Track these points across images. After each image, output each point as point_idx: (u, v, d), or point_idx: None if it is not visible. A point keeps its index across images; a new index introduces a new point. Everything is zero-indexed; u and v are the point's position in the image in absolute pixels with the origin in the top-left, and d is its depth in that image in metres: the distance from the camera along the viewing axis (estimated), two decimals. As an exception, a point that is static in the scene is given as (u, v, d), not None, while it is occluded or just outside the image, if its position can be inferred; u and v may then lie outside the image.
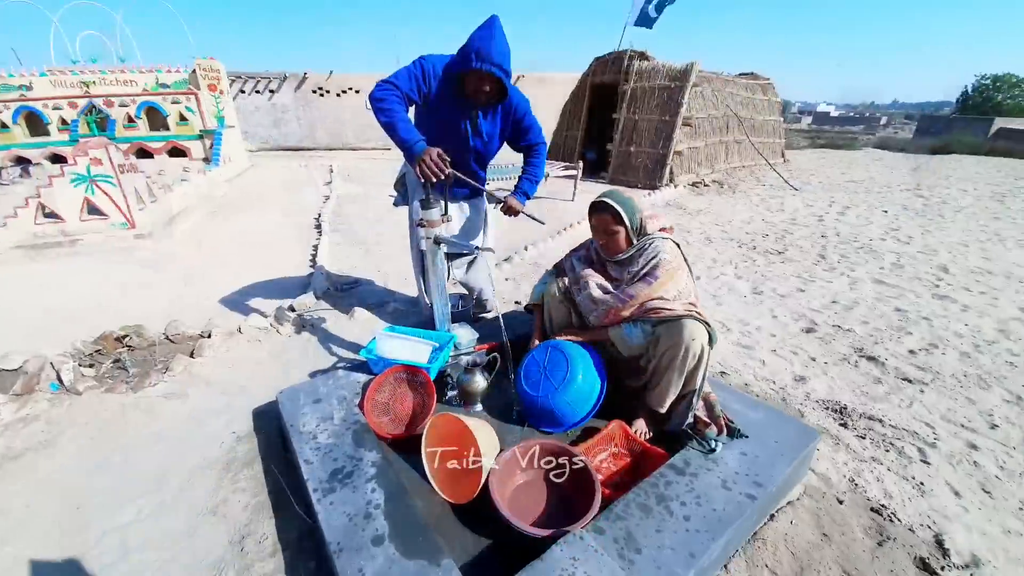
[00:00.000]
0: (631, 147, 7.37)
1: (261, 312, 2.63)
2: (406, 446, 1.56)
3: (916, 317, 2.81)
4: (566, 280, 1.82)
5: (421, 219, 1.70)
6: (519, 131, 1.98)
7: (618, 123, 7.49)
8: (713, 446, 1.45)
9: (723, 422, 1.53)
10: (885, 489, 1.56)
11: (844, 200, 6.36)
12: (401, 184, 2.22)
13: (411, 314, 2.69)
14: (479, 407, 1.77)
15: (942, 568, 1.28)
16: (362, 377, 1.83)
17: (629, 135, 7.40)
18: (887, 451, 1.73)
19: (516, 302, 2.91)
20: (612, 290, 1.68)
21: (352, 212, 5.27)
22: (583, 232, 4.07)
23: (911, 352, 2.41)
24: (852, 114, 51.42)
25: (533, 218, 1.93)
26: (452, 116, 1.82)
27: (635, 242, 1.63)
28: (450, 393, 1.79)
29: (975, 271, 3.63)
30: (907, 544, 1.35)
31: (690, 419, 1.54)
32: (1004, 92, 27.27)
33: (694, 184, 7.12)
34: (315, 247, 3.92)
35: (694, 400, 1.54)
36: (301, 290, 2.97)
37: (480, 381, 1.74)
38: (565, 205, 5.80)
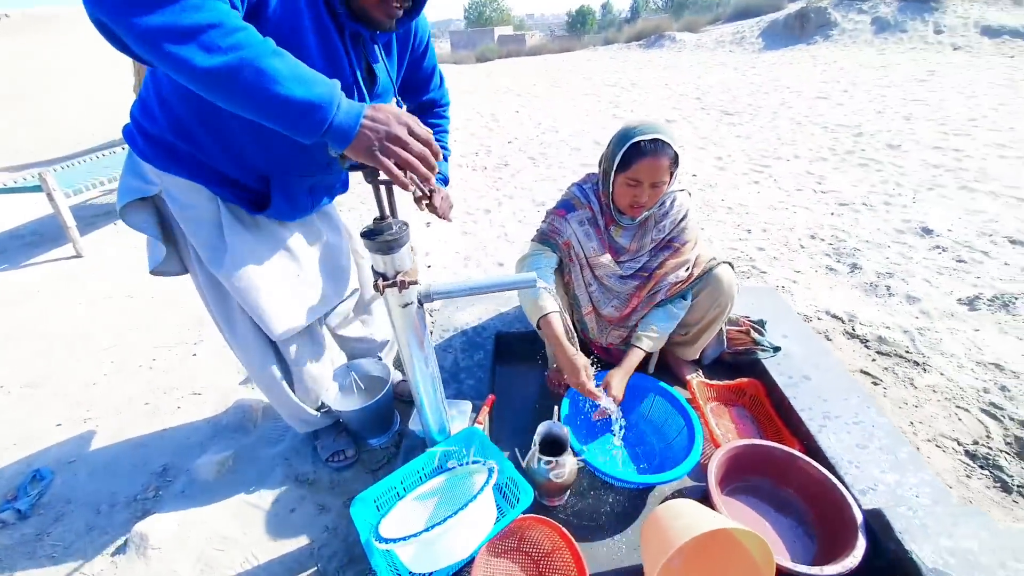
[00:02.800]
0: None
1: None
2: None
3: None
4: (575, 259, 1.33)
5: (386, 275, 0.83)
6: (419, 75, 1.13)
7: None
8: (775, 345, 1.50)
9: (747, 323, 1.53)
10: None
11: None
12: (152, 215, 1.01)
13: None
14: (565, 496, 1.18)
15: None
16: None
17: None
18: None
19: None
20: (629, 269, 1.34)
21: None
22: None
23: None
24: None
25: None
26: (325, 58, 0.83)
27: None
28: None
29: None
30: None
31: (724, 345, 1.52)
32: (489, 6, 43.85)
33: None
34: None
35: (723, 327, 1.50)
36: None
37: (570, 462, 1.10)
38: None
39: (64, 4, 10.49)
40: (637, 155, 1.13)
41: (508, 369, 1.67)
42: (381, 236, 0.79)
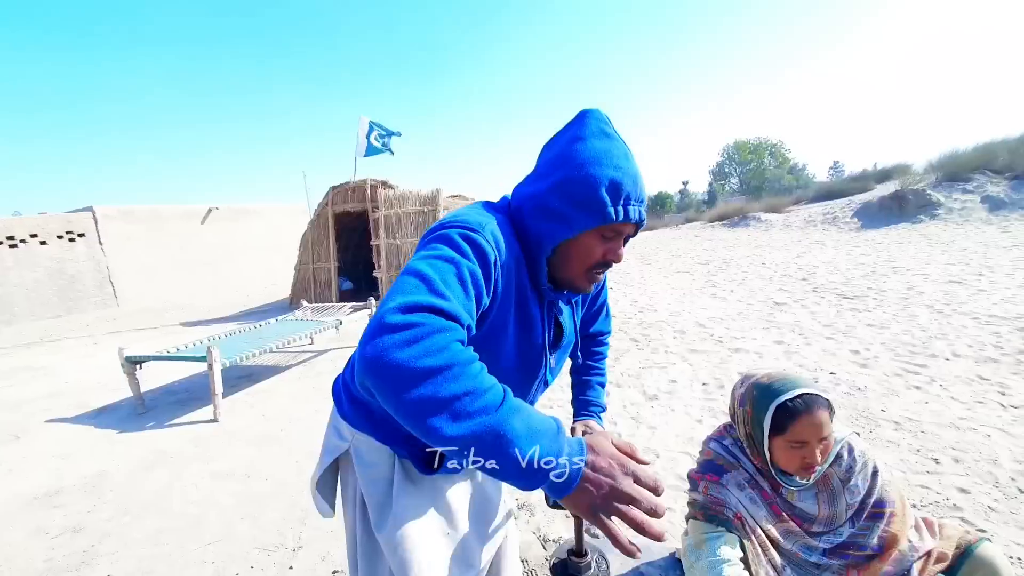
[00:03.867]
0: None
1: None
2: None
3: None
4: (751, 535, 1.07)
5: None
6: (593, 311, 1.15)
7: (379, 249, 7.69)
8: None
9: None
10: None
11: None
12: (332, 476, 1.02)
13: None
14: None
15: None
16: None
17: (396, 259, 7.65)
18: None
19: None
20: (828, 542, 1.06)
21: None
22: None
23: None
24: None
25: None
26: (522, 324, 0.85)
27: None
28: None
29: None
30: None
31: None
32: None
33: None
34: None
35: None
36: None
37: None
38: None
39: (260, 200, 13.93)
40: (790, 416, 1.01)
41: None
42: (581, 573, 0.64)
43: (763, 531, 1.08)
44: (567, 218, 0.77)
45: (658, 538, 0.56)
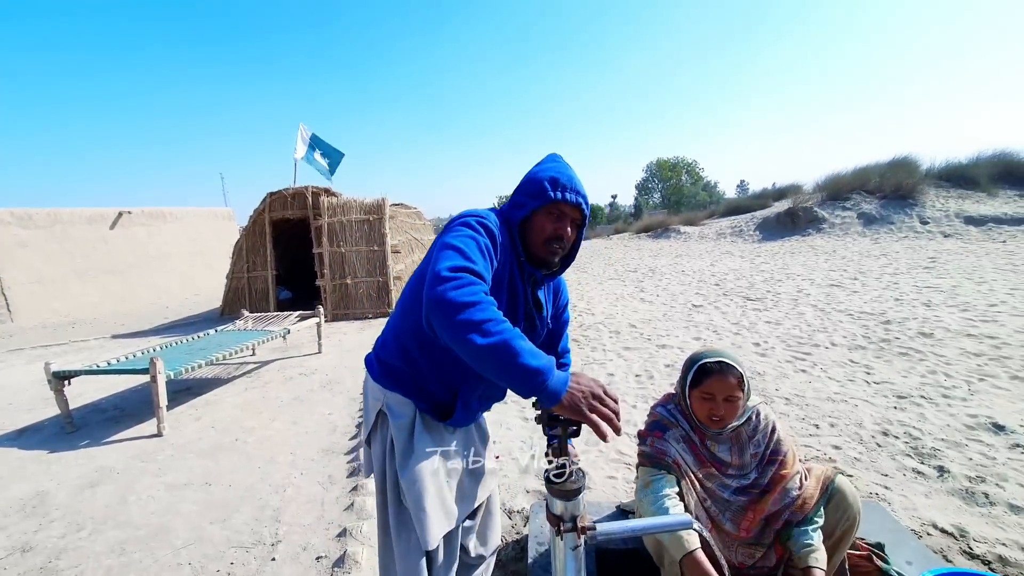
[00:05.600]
0: (347, 279, 7.51)
1: None
2: None
3: None
4: (687, 476, 1.40)
5: (563, 518, 0.90)
6: (558, 322, 1.44)
7: (322, 258, 7.50)
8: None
9: (866, 547, 1.50)
10: None
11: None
12: (378, 432, 1.25)
13: None
14: None
15: None
16: None
17: (340, 268, 7.52)
18: None
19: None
20: (738, 483, 1.41)
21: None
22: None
23: None
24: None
25: None
26: (510, 294, 1.18)
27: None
28: None
29: None
30: None
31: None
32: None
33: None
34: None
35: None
36: None
37: None
38: (315, 361, 4.96)
39: (174, 204, 12.90)
40: (706, 373, 1.36)
41: (612, 587, 1.59)
42: (566, 483, 0.91)
43: (693, 474, 1.42)
44: (524, 204, 1.16)
45: (617, 431, 0.86)
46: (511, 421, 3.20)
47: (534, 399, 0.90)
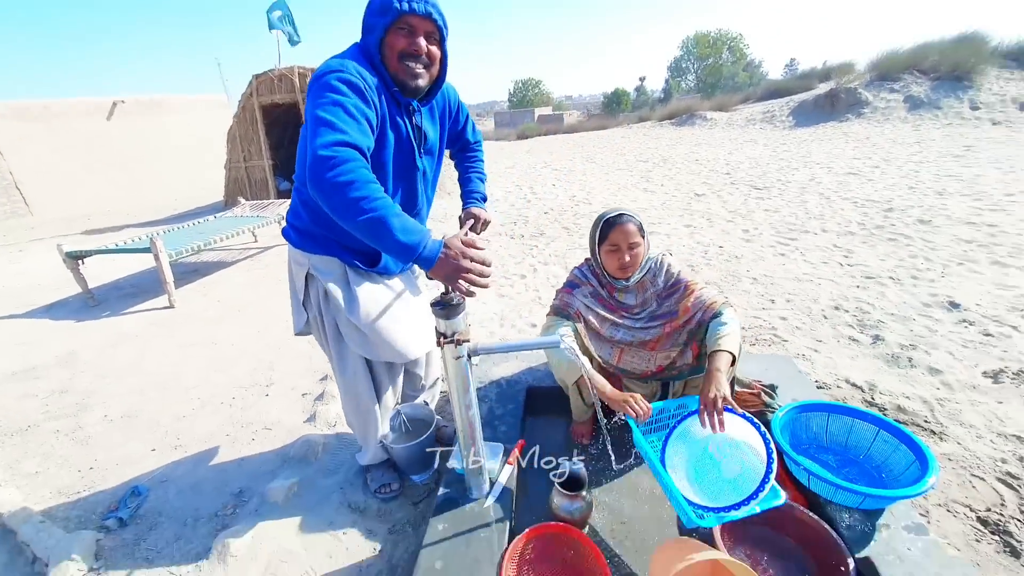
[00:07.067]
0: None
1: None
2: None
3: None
4: (591, 322, 1.58)
5: (446, 334, 1.10)
6: (457, 129, 1.46)
7: None
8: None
9: (759, 387, 1.66)
10: None
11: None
12: (310, 293, 1.37)
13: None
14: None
15: None
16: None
17: None
18: None
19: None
20: (644, 314, 1.59)
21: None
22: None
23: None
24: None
25: None
26: (396, 135, 1.19)
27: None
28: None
29: None
30: None
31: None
32: (531, 90, 50.89)
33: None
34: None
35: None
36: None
37: (588, 497, 1.32)
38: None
39: (170, 92, 12.45)
40: (609, 227, 1.49)
41: (537, 420, 1.86)
42: (446, 306, 1.07)
43: (595, 319, 1.58)
44: (374, 25, 1.11)
45: (486, 287, 0.98)
46: (487, 296, 3.41)
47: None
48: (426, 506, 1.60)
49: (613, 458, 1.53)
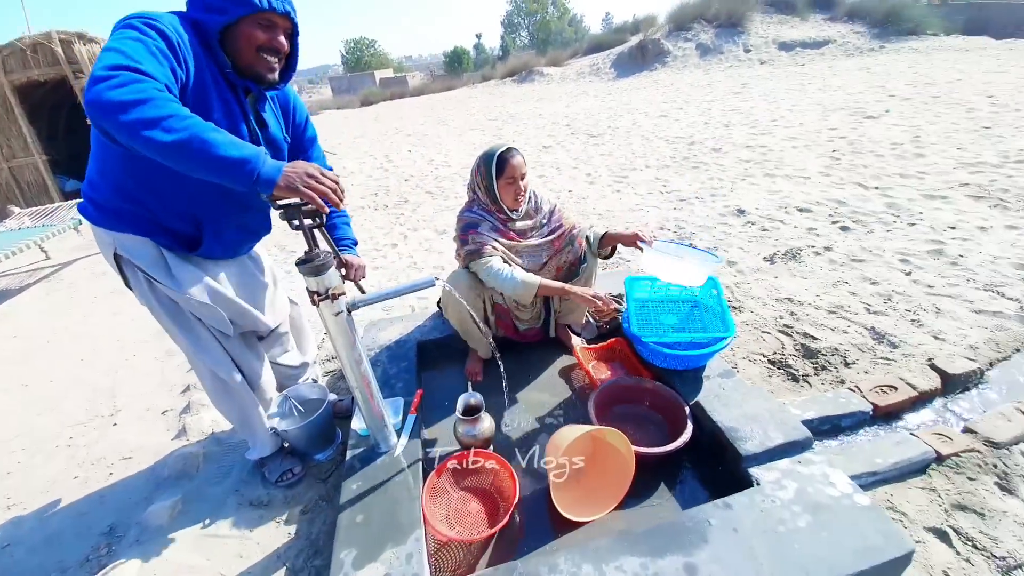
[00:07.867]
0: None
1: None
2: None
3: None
4: (504, 253, 1.74)
5: (319, 292, 1.09)
6: (301, 143, 1.39)
7: None
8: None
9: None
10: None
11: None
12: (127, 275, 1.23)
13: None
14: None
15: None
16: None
17: None
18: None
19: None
20: (539, 237, 1.80)
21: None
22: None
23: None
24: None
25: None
26: (224, 110, 1.09)
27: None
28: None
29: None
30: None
31: (596, 322, 2.10)
32: (365, 51, 42.75)
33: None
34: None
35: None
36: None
37: (487, 420, 1.43)
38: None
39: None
40: (504, 162, 1.62)
41: (431, 371, 1.95)
42: (312, 262, 1.06)
43: (504, 247, 1.72)
44: (225, 9, 1.03)
45: (337, 205, 0.96)
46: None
47: (266, 195, 0.93)
48: (337, 476, 1.61)
49: (505, 381, 1.68)
